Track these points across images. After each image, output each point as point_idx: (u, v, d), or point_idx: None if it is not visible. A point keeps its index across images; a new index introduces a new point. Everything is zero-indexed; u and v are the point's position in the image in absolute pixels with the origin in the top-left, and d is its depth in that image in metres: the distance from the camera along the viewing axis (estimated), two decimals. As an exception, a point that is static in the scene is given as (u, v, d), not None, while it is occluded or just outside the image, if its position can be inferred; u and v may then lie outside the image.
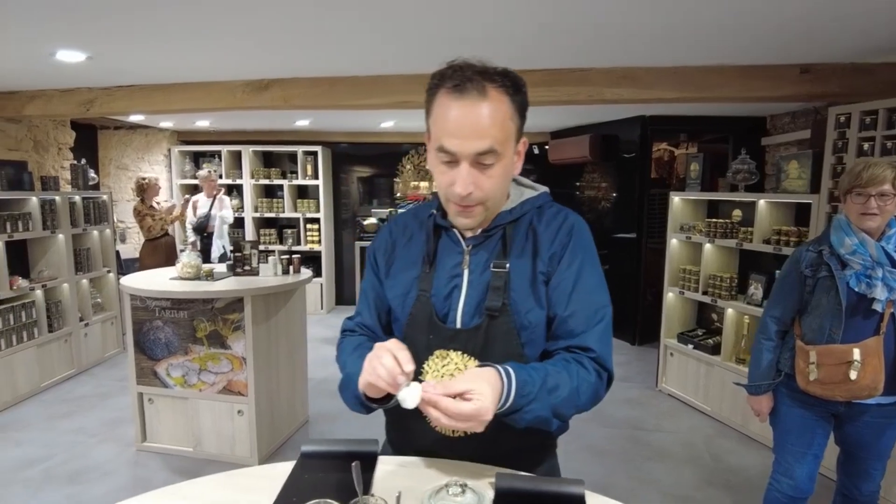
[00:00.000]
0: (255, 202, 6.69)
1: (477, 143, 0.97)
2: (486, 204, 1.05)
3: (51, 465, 3.13)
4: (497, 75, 0.99)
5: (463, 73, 0.98)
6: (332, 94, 3.71)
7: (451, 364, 1.07)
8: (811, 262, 1.97)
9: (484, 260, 1.11)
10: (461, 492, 0.94)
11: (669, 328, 4.27)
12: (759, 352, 2.12)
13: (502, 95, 0.99)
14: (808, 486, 2.07)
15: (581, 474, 2.76)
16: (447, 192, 1.04)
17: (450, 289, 1.11)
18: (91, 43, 2.89)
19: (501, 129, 0.99)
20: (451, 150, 0.98)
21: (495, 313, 1.07)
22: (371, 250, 1.24)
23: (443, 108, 0.99)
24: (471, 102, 0.97)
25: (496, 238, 1.11)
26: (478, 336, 1.07)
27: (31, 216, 4.14)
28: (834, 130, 3.06)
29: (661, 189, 5.59)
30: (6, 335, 3.90)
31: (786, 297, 2.06)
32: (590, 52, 3.10)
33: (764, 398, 2.13)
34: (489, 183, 1.01)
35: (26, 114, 4.18)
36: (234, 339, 3.06)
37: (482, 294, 1.08)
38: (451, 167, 1.01)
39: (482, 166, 1.00)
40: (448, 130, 0.98)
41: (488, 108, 0.97)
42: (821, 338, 1.92)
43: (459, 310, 1.10)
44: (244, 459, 3.15)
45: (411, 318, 1.13)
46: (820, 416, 2.03)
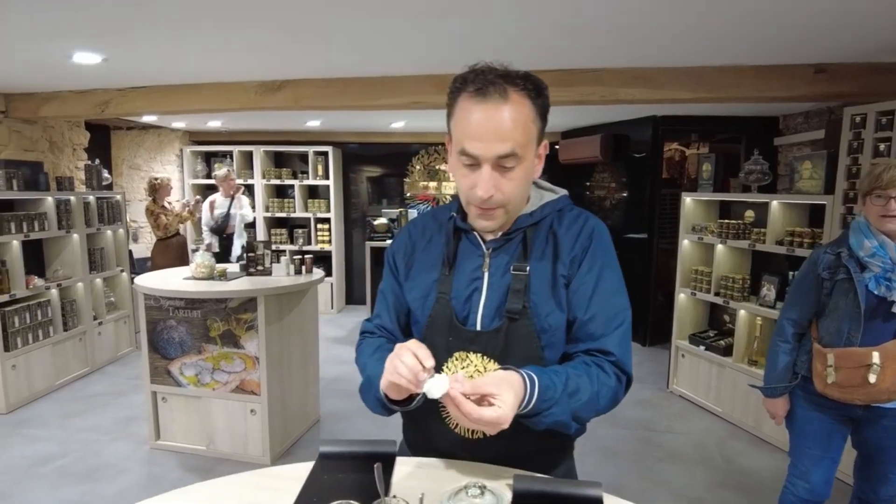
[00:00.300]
0: (266, 202, 6.73)
1: (498, 146, 0.98)
2: (506, 207, 1.05)
3: (66, 462, 3.17)
4: (519, 79, 1.00)
5: (485, 76, 0.99)
6: (344, 95, 3.72)
7: (470, 366, 1.08)
8: (829, 265, 1.94)
9: (504, 263, 1.11)
10: (480, 493, 0.95)
11: (681, 329, 4.25)
12: (776, 354, 2.10)
13: (524, 99, 1.00)
14: (824, 490, 2.05)
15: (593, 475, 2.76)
16: (468, 195, 1.05)
17: (470, 291, 1.12)
18: (106, 45, 2.92)
19: (523, 132, 1.00)
20: (473, 153, 0.99)
21: (515, 316, 1.07)
22: (390, 252, 1.25)
23: (465, 111, 1.00)
24: (493, 106, 0.97)
25: (516, 241, 1.12)
26: (498, 338, 1.08)
27: (46, 216, 4.19)
28: (849, 131, 3.04)
29: (672, 189, 5.56)
30: (23, 333, 3.95)
31: (803, 300, 2.03)
32: (603, 53, 3.09)
33: (780, 401, 2.11)
34: (510, 186, 1.02)
35: (42, 115, 4.23)
36: (247, 339, 3.08)
37: (502, 297, 1.09)
38: (472, 170, 1.02)
39: (503, 169, 1.01)
40: (470, 133, 0.99)
41: (510, 111, 0.98)
42: (839, 341, 1.90)
43: (479, 312, 1.11)
44: (257, 458, 3.17)
45: (431, 321, 1.14)
46: (837, 419, 2.01)
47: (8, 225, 3.83)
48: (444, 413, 1.11)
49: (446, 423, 1.12)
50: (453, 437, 1.11)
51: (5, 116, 4.25)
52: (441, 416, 1.12)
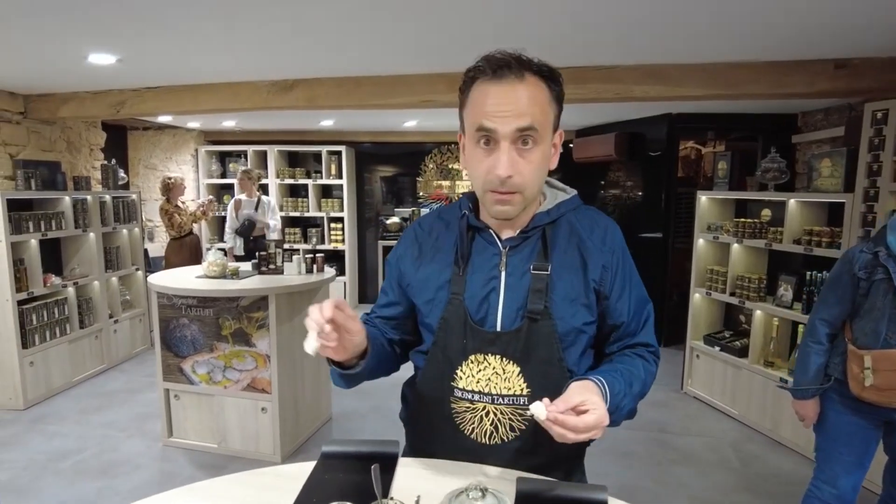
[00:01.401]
0: (280, 201, 6.77)
1: (517, 120, 0.97)
2: (524, 193, 1.03)
3: (83, 457, 3.21)
4: (536, 65, 1.00)
5: (499, 60, 0.99)
6: (357, 94, 3.72)
7: (488, 368, 1.06)
8: (866, 264, 1.88)
9: (522, 262, 1.08)
10: (481, 496, 0.93)
11: (696, 330, 4.19)
12: (808, 355, 2.03)
13: (540, 81, 1.00)
14: (851, 496, 1.99)
15: (607, 477, 2.72)
16: (486, 180, 1.02)
17: (486, 291, 1.08)
18: (121, 46, 2.95)
19: (541, 110, 0.99)
20: (491, 126, 0.97)
21: (536, 317, 1.05)
22: (395, 256, 1.21)
23: (481, 93, 1.00)
24: (509, 84, 0.97)
25: (534, 239, 1.10)
26: (518, 339, 1.06)
27: (63, 215, 4.25)
28: (870, 127, 2.96)
29: (688, 188, 5.49)
30: (40, 331, 4.01)
31: (837, 300, 1.97)
32: (617, 49, 3.06)
33: (810, 403, 2.04)
34: (528, 168, 1.00)
35: (60, 116, 4.29)
36: (259, 337, 3.09)
37: (522, 297, 1.06)
38: (490, 152, 1.00)
39: (522, 150, 0.99)
40: (487, 112, 0.98)
41: (527, 90, 0.98)
42: (875, 342, 1.84)
43: (499, 313, 1.08)
44: (268, 456, 3.18)
45: (444, 322, 1.10)
46: (871, 423, 1.95)
47: (26, 224, 3.89)
48: (457, 419, 1.10)
49: (460, 428, 1.10)
50: (469, 443, 1.09)
51: (24, 117, 4.32)
52: (455, 422, 1.10)
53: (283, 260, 3.49)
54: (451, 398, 1.10)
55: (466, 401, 1.09)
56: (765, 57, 3.13)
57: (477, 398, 1.08)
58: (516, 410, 1.07)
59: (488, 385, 1.07)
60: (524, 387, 1.06)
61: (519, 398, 1.07)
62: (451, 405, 1.11)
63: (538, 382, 1.06)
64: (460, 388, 1.09)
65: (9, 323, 3.78)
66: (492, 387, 1.07)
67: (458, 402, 1.10)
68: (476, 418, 1.09)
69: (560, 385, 1.04)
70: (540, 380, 1.06)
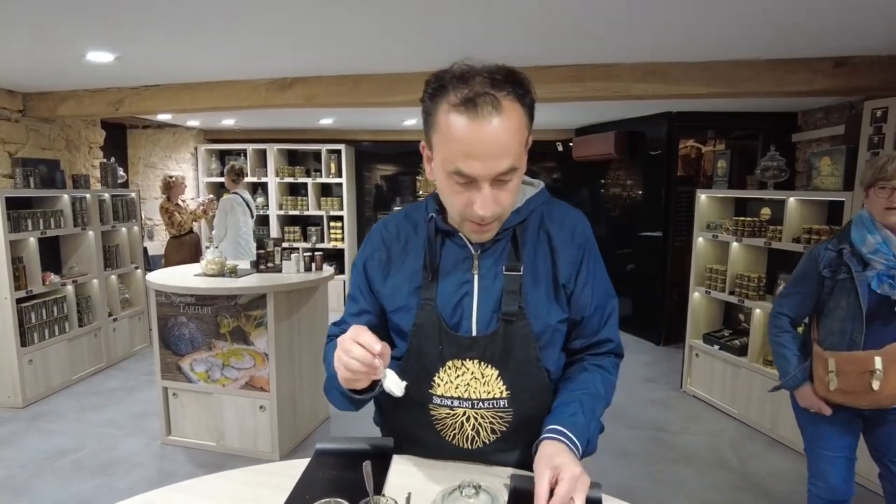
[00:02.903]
0: (279, 200, 6.77)
1: (497, 164, 0.90)
2: (501, 217, 1.01)
3: (81, 455, 3.21)
4: (507, 83, 0.90)
5: (470, 86, 0.88)
6: (356, 92, 3.72)
7: (466, 374, 1.04)
8: (830, 262, 1.86)
9: (494, 263, 1.06)
10: (475, 493, 0.93)
11: (695, 328, 4.18)
12: (780, 346, 2.03)
13: (514, 104, 0.91)
14: (844, 488, 1.99)
15: (605, 476, 2.71)
16: (464, 213, 0.97)
17: (460, 296, 1.06)
18: (118, 44, 2.95)
19: (518, 141, 0.93)
20: (471, 174, 0.91)
21: (511, 318, 1.03)
22: (361, 259, 1.16)
23: (454, 127, 0.89)
24: (486, 121, 0.88)
25: (505, 240, 1.07)
26: (496, 342, 1.04)
27: (62, 213, 4.25)
28: (870, 125, 2.96)
29: (687, 187, 5.48)
30: (39, 329, 4.01)
31: (801, 297, 1.97)
32: (616, 47, 3.05)
33: (806, 388, 2.00)
34: (508, 198, 0.97)
35: (59, 114, 4.29)
36: (257, 336, 3.09)
37: (496, 299, 1.04)
38: (467, 188, 0.94)
39: (502, 183, 0.94)
40: (465, 153, 0.90)
41: (505, 124, 0.89)
42: (842, 342, 1.84)
43: (474, 317, 1.05)
44: (266, 455, 3.18)
45: (417, 329, 1.07)
46: (845, 418, 1.95)
47: (25, 222, 3.89)
48: (437, 425, 1.09)
49: (441, 435, 1.09)
50: (452, 449, 1.08)
51: (23, 115, 4.31)
52: (436, 429, 1.08)
53: (282, 258, 3.48)
54: (431, 405, 1.08)
55: (446, 407, 1.07)
56: (764, 55, 3.12)
57: (457, 404, 1.06)
58: (497, 414, 1.05)
59: (467, 390, 1.05)
60: (503, 389, 1.05)
61: (499, 401, 1.05)
62: (431, 412, 1.09)
63: (517, 384, 1.05)
64: (439, 395, 1.07)
65: (7, 321, 3.77)
66: (471, 392, 1.05)
67: (438, 408, 1.08)
68: (457, 424, 1.07)
69: (538, 384, 1.07)
70: (519, 381, 1.05)
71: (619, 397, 4.19)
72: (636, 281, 5.88)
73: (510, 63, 0.95)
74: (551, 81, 3.43)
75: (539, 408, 1.05)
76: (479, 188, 0.92)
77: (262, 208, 6.76)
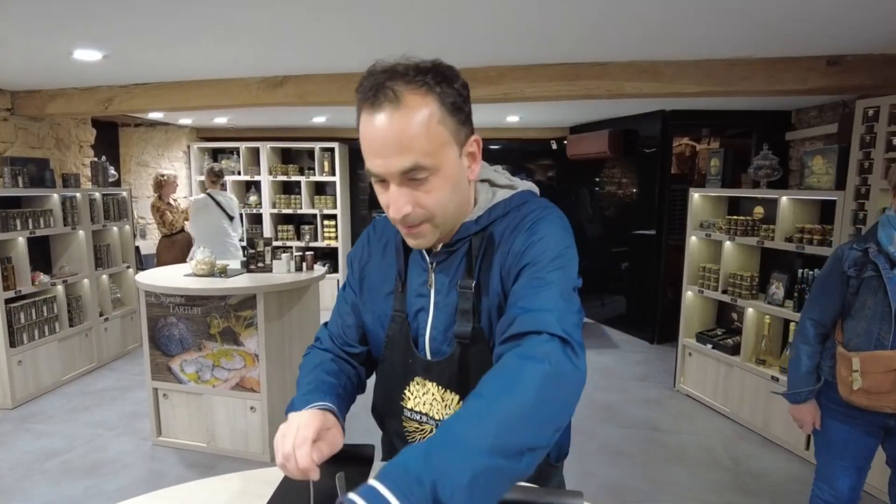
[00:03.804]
0: (273, 198, 6.74)
1: (397, 161, 0.83)
2: (433, 222, 0.90)
3: (70, 457, 3.18)
4: (415, 73, 0.84)
5: (374, 79, 0.84)
6: (348, 90, 3.66)
7: (428, 394, 1.02)
8: (855, 261, 1.83)
9: (449, 279, 0.98)
10: None
11: (688, 327, 4.18)
12: (798, 358, 1.99)
13: (423, 97, 0.83)
14: (850, 496, 1.96)
15: (596, 476, 2.70)
16: (389, 215, 0.91)
17: (415, 310, 1.01)
18: (106, 42, 2.92)
19: (427, 138, 0.83)
20: (374, 171, 0.87)
21: (466, 340, 0.95)
22: (349, 259, 1.15)
23: (362, 123, 0.86)
24: (386, 115, 0.82)
25: (461, 253, 0.97)
26: (451, 366, 0.97)
27: (52, 213, 4.20)
28: (862, 124, 2.95)
29: (682, 185, 5.48)
30: (29, 329, 3.98)
31: (826, 299, 1.93)
32: (609, 46, 3.03)
33: (806, 407, 1.99)
34: (430, 199, 0.87)
35: (48, 112, 4.25)
36: (247, 336, 3.07)
37: (450, 318, 0.97)
38: (384, 187, 0.89)
39: (415, 182, 0.86)
40: (367, 149, 0.86)
41: (405, 117, 0.82)
42: (867, 343, 1.80)
43: (427, 335, 1.00)
44: (257, 455, 3.16)
45: (389, 340, 1.05)
46: (866, 431, 1.90)
47: (14, 222, 3.85)
48: (409, 438, 1.07)
49: None
50: None
51: (11, 114, 4.27)
52: (407, 441, 1.07)
53: (273, 258, 3.46)
54: (402, 417, 1.07)
55: (415, 421, 1.06)
56: (758, 54, 3.11)
57: (424, 419, 1.05)
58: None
59: (431, 409, 1.02)
60: None
61: None
62: (403, 424, 1.08)
63: None
64: (409, 409, 1.06)
65: (-4, 321, 3.74)
66: (434, 412, 1.02)
67: (409, 421, 1.07)
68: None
69: None
70: None
71: (612, 396, 4.20)
72: (630, 279, 5.88)
73: (504, 62, 0.90)
74: (544, 80, 3.41)
75: None
76: (389, 189, 0.87)
77: (256, 207, 6.73)
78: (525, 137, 6.88)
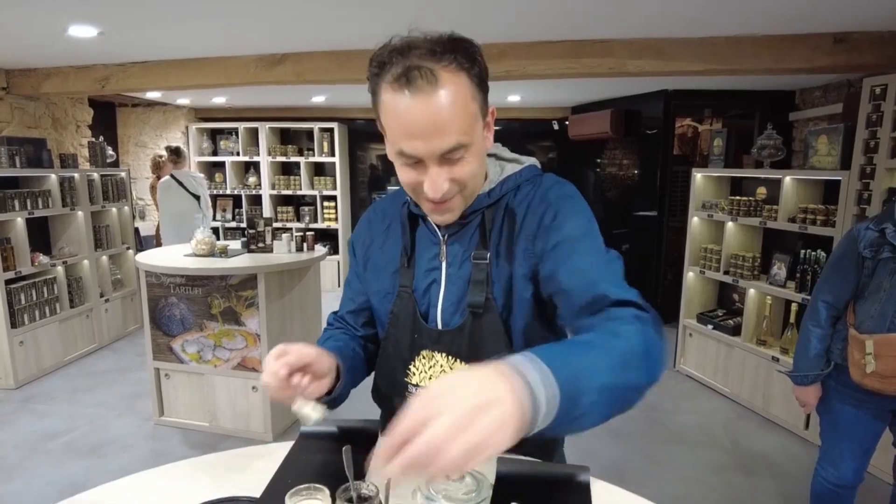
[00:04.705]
0: (272, 179, 6.70)
1: (440, 142, 0.83)
2: (463, 194, 0.92)
3: (73, 437, 3.20)
4: (447, 52, 0.82)
5: (405, 58, 0.81)
6: (347, 68, 3.65)
7: (436, 366, 1.02)
8: (871, 242, 1.78)
9: (462, 251, 0.99)
10: (460, 476, 0.91)
11: (689, 308, 4.18)
12: (807, 339, 1.95)
13: (457, 75, 0.83)
14: (854, 477, 1.96)
15: (596, 455, 2.70)
16: (416, 191, 0.91)
17: (427, 284, 1.01)
18: (102, 18, 2.87)
19: (464, 116, 0.84)
20: (413, 153, 0.85)
21: (479, 310, 0.96)
22: (351, 241, 1.16)
23: (392, 104, 0.83)
24: (423, 96, 0.80)
25: (474, 225, 0.99)
26: (462, 337, 0.98)
27: (50, 193, 4.18)
28: (868, 103, 2.91)
29: (684, 166, 5.44)
30: (29, 310, 3.98)
31: (840, 280, 1.88)
32: (612, 23, 2.99)
33: (810, 389, 1.97)
34: (463, 172, 0.88)
35: (44, 91, 4.20)
36: (249, 316, 3.06)
37: (462, 289, 0.98)
38: (415, 167, 0.88)
39: (451, 160, 0.86)
40: (405, 132, 0.84)
41: (445, 98, 0.81)
42: (882, 325, 1.76)
43: (439, 307, 1.01)
44: (259, 435, 3.18)
45: (393, 317, 1.05)
46: (875, 415, 1.88)
47: (12, 202, 3.83)
48: None
49: None
50: None
51: (7, 93, 4.22)
52: None
53: (273, 238, 3.44)
54: (407, 393, 1.07)
55: None
56: (762, 31, 3.06)
57: None
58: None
59: None
60: None
61: None
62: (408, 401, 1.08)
63: None
64: (414, 385, 1.05)
65: (-4, 302, 3.74)
66: None
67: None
68: None
69: None
70: None
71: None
72: (631, 260, 5.85)
73: (505, 39, 0.89)
74: (546, 58, 3.37)
75: None
76: (426, 168, 0.86)
77: (255, 188, 6.70)
78: (526, 117, 6.82)
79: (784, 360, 3.28)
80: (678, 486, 2.81)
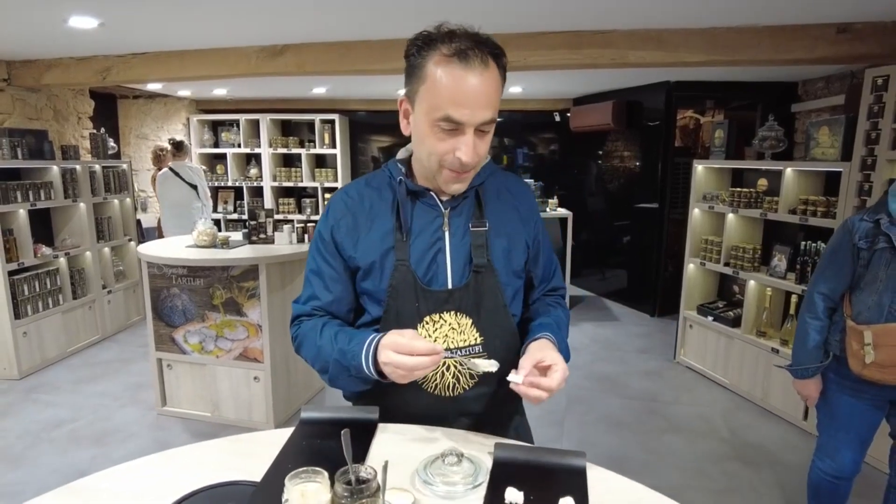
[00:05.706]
0: (273, 171, 6.70)
1: (484, 113, 0.99)
2: (476, 168, 1.10)
3: (77, 426, 3.23)
4: (485, 43, 1.00)
5: (462, 40, 0.98)
6: (348, 59, 3.64)
7: (444, 325, 1.09)
8: (867, 233, 1.79)
9: (462, 221, 1.14)
10: (457, 461, 0.92)
11: (689, 300, 4.19)
12: (805, 332, 1.95)
13: (495, 63, 1.01)
14: (852, 468, 1.97)
15: (596, 445, 2.74)
16: (446, 160, 1.04)
17: (433, 254, 1.12)
18: (102, 8, 2.86)
19: (497, 98, 1.02)
20: (460, 119, 0.98)
21: (481, 269, 1.12)
22: (326, 228, 1.16)
23: (446, 74, 0.97)
24: (478, 73, 0.97)
25: (470, 199, 1.16)
26: (468, 293, 1.12)
27: (52, 185, 4.19)
28: (870, 94, 2.90)
29: (685, 158, 5.43)
30: (33, 301, 4.00)
31: (837, 272, 1.88)
32: (613, 13, 2.97)
33: (811, 382, 1.97)
34: (483, 147, 1.05)
35: (45, 83, 4.20)
36: (250, 307, 3.08)
37: (466, 253, 1.13)
38: (452, 135, 1.01)
39: (482, 133, 1.03)
40: (456, 100, 0.97)
41: (490, 78, 0.99)
42: (879, 316, 1.76)
43: (448, 271, 1.12)
44: (261, 425, 3.20)
45: (393, 290, 1.10)
46: (873, 405, 1.89)
47: (14, 194, 3.84)
48: (420, 381, 1.11)
49: (424, 388, 1.12)
50: (433, 399, 1.12)
51: (8, 84, 4.22)
52: (417, 383, 1.11)
53: (274, 229, 3.46)
54: None
55: None
56: (764, 21, 3.05)
57: None
58: (472, 359, 1.11)
59: (445, 341, 1.11)
60: (477, 336, 1.12)
61: (474, 347, 1.12)
62: None
63: (489, 331, 1.13)
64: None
65: (0, 293, 3.76)
66: (449, 342, 1.11)
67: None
68: (437, 374, 1.11)
69: (507, 330, 1.16)
70: (491, 328, 1.13)
71: (612, 367, 4.24)
72: (632, 252, 5.87)
73: (506, 30, 1.02)
74: (547, 48, 3.36)
75: (508, 351, 1.14)
76: (463, 134, 1.00)
77: (256, 180, 6.70)
78: (527, 109, 6.80)
79: (784, 352, 3.29)
80: (677, 475, 2.83)
